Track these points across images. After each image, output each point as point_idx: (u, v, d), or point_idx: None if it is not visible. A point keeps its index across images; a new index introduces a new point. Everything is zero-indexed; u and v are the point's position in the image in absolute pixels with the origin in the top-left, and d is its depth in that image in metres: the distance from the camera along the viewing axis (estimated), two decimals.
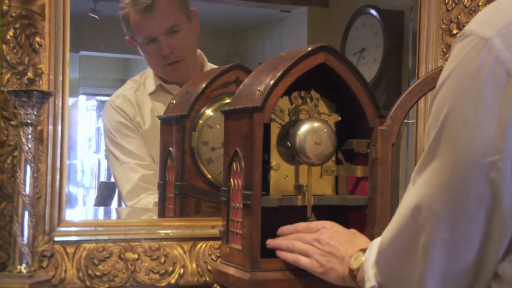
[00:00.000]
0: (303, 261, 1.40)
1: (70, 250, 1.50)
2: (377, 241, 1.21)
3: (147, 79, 1.98)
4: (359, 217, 1.54)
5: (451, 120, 0.97)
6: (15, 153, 1.42)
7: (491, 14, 1.00)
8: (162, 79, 1.98)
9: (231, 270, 1.48)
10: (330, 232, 1.41)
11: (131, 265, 1.54)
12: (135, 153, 1.92)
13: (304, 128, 1.47)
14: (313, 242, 1.40)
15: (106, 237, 1.53)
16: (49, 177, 1.47)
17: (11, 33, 1.44)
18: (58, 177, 1.48)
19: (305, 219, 1.50)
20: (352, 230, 1.43)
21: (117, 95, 1.99)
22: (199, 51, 2.02)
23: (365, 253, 1.29)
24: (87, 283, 1.50)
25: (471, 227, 0.97)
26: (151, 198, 1.86)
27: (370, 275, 1.18)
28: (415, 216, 1.02)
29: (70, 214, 1.55)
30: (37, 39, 1.46)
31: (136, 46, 1.95)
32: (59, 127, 1.48)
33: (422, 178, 1.02)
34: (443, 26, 1.80)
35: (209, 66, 2.03)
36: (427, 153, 1.01)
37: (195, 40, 2.00)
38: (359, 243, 1.36)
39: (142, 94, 1.97)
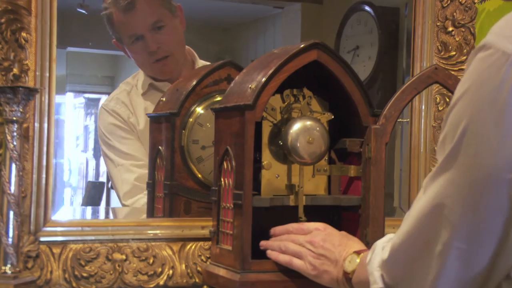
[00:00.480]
0: (296, 263, 1.40)
1: (56, 250, 1.49)
2: (380, 243, 1.21)
3: (139, 80, 1.99)
4: (352, 217, 1.53)
5: (470, 135, 0.97)
6: (0, 151, 1.41)
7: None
8: (153, 78, 1.97)
9: (221, 271, 1.47)
10: (323, 234, 1.40)
11: (118, 266, 1.52)
12: (130, 154, 1.92)
13: (296, 126, 1.46)
14: (306, 244, 1.39)
15: (93, 238, 1.52)
16: (34, 176, 1.46)
17: None
18: (44, 175, 1.47)
19: (297, 219, 1.49)
20: (343, 233, 1.43)
21: (110, 99, 1.99)
22: (189, 47, 2.01)
23: (359, 255, 1.29)
24: (74, 284, 1.49)
25: (487, 236, 0.98)
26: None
27: (376, 277, 1.18)
28: (430, 224, 1.03)
29: (57, 214, 1.54)
30: (23, 34, 1.45)
31: (123, 48, 1.95)
32: (45, 125, 1.48)
33: (436, 187, 1.02)
34: (438, 23, 1.80)
35: (201, 63, 2.02)
36: (442, 164, 1.01)
37: (182, 35, 2.00)
38: (352, 245, 1.36)
39: (135, 95, 1.97)
